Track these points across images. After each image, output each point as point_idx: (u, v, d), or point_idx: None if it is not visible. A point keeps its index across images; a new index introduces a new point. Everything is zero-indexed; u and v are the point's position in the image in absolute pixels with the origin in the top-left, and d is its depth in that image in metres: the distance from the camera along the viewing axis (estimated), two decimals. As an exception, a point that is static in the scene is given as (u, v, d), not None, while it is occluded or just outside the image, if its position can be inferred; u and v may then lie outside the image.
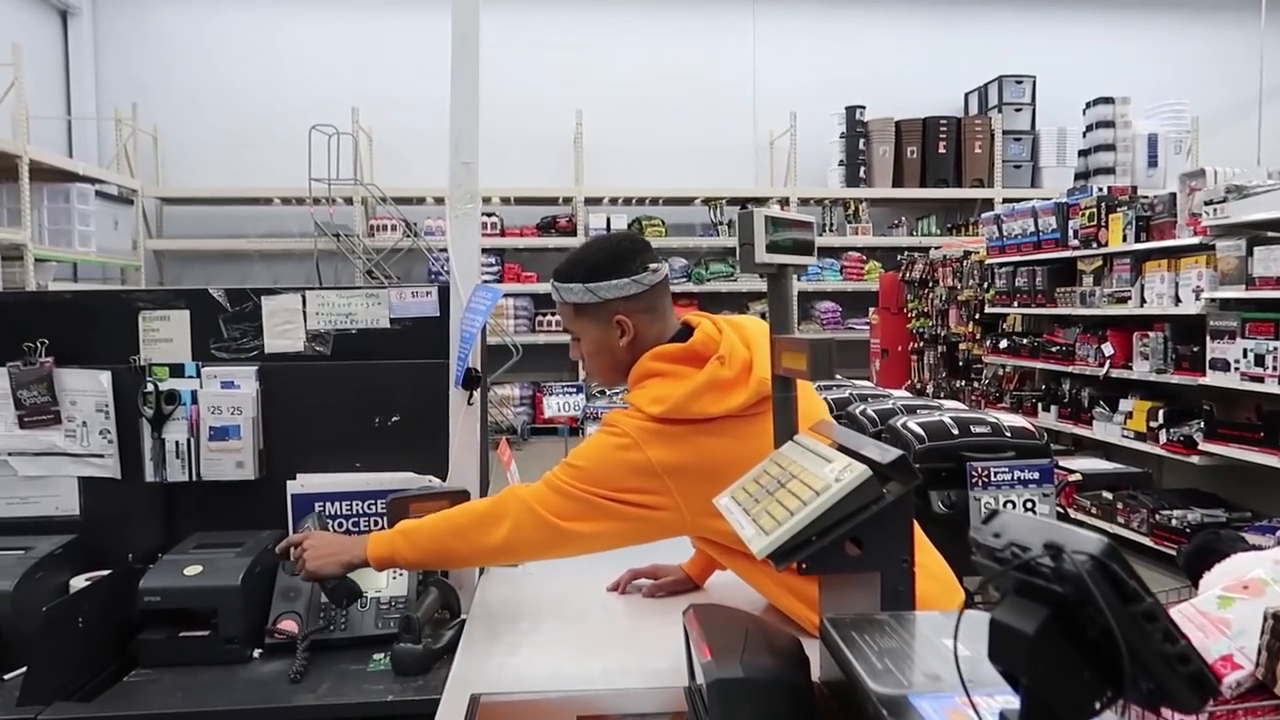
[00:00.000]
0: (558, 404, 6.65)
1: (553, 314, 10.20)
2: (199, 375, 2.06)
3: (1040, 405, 6.39)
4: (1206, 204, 4.78)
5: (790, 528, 1.16)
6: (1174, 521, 4.89)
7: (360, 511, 1.99)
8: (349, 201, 9.75)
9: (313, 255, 9.38)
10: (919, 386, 8.56)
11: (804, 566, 1.18)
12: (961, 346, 7.79)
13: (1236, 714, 1.65)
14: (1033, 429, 3.79)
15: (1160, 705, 0.80)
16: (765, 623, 1.41)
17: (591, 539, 1.61)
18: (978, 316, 7.41)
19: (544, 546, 1.62)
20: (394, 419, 2.05)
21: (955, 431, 3.65)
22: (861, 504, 1.18)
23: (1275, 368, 4.34)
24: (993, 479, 3.49)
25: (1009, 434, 3.65)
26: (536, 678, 1.52)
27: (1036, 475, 3.50)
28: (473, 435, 1.95)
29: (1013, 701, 0.86)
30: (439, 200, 10.39)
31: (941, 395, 8.16)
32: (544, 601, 1.89)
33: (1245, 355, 4.49)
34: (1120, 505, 5.43)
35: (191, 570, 1.77)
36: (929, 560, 1.79)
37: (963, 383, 7.81)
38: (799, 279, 10.19)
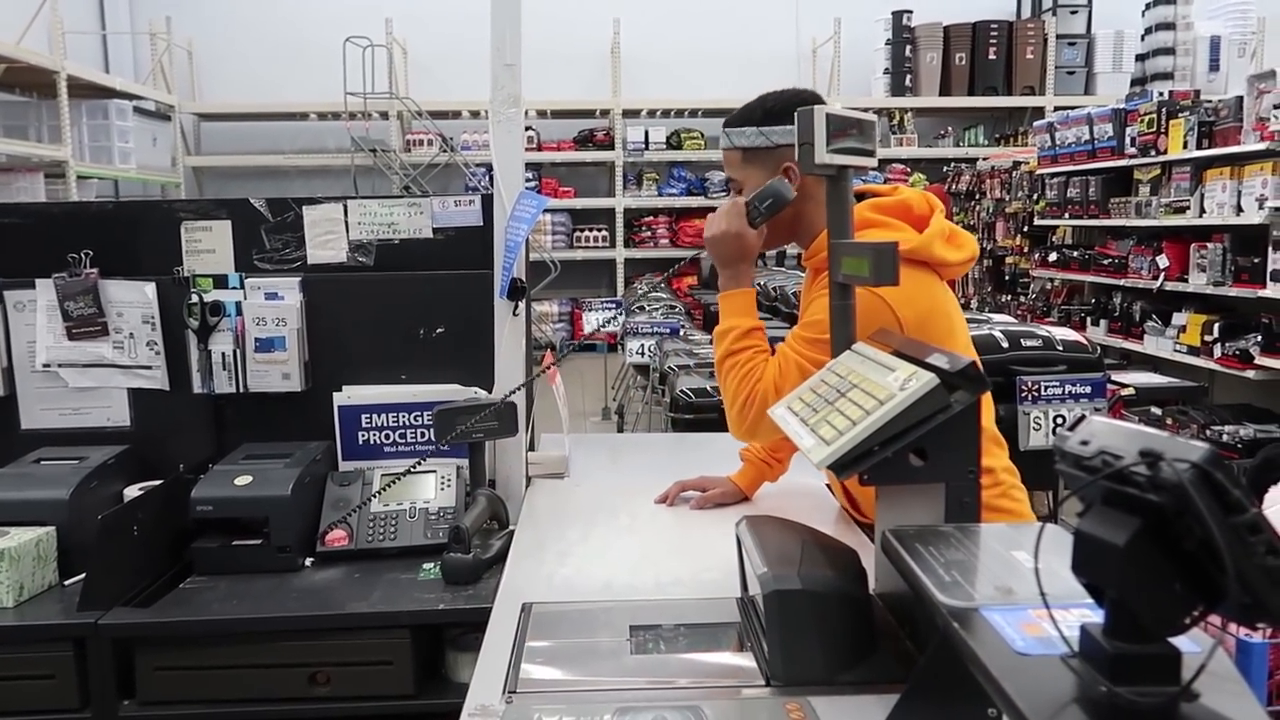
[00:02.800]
0: (596, 320, 6.61)
1: (592, 229, 10.12)
2: (243, 286, 2.05)
3: (1090, 319, 6.24)
4: (1276, 108, 4.56)
5: (853, 437, 1.12)
6: (1225, 437, 4.79)
7: (406, 423, 1.99)
8: (385, 116, 9.65)
9: (350, 171, 9.33)
10: (963, 301, 8.42)
11: (865, 477, 1.15)
12: (1008, 260, 7.62)
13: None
14: (1085, 342, 3.69)
15: (1257, 620, 0.76)
16: (821, 535, 1.38)
17: None
18: (1026, 229, 7.21)
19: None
20: (438, 330, 2.03)
21: (1005, 345, 3.57)
22: (928, 413, 1.13)
23: (1341, 279, 4.18)
24: (1043, 393, 3.41)
25: (1060, 347, 3.56)
26: (588, 587, 1.51)
27: (1089, 389, 3.42)
28: (518, 347, 1.93)
29: (1090, 615, 0.83)
30: (475, 114, 10.25)
31: (987, 310, 8.02)
32: (593, 512, 1.88)
33: (1310, 267, 4.33)
34: (1170, 420, 5.32)
35: (242, 480, 1.78)
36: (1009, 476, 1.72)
37: (1008, 297, 7.66)
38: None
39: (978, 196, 8.16)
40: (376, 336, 2.04)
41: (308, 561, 1.78)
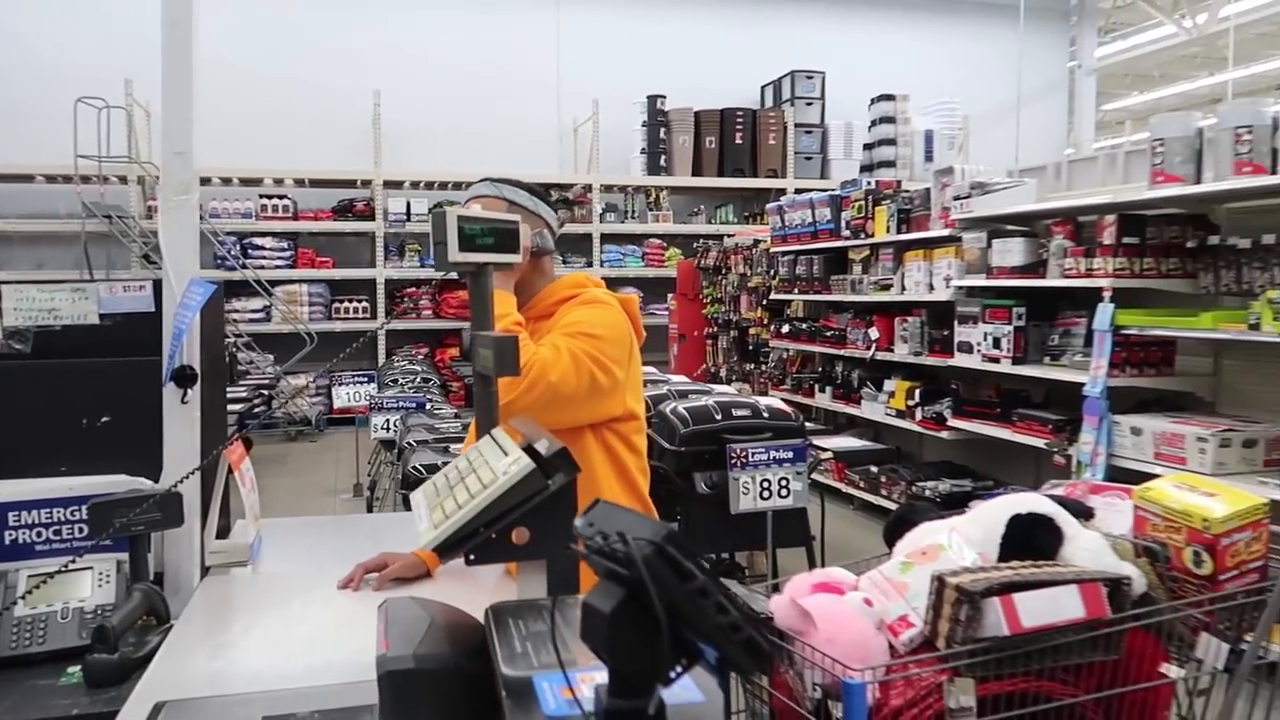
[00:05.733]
0: (348, 394, 6.47)
1: (353, 299, 9.92)
2: (-121, 376, 1.90)
3: (817, 387, 6.76)
4: (955, 199, 5.19)
5: (457, 520, 1.21)
6: (928, 492, 5.31)
7: (62, 519, 1.89)
8: (124, 180, 9.12)
9: (80, 238, 8.71)
10: (714, 370, 8.87)
11: (472, 558, 1.23)
12: (752, 331, 8.13)
13: (908, 665, 1.83)
14: (789, 410, 4.01)
15: (729, 671, 0.89)
16: (459, 613, 1.45)
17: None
18: (765, 302, 7.74)
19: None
20: (104, 420, 1.96)
21: (718, 416, 3.83)
22: (526, 495, 1.23)
23: (1009, 350, 4.77)
24: (750, 459, 3.67)
25: (767, 415, 3.86)
26: (236, 679, 1.50)
27: (790, 455, 3.71)
28: (189, 435, 1.89)
29: (608, 677, 0.93)
30: (225, 181, 9.89)
31: (734, 378, 8.50)
32: (266, 601, 1.86)
33: (985, 339, 4.92)
34: (884, 478, 5.84)
35: None
36: None
37: (752, 366, 8.15)
38: (601, 264, 10.33)
39: (724, 271, 8.67)
40: (33, 428, 1.95)
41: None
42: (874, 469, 5.98)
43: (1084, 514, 2.17)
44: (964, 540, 2.06)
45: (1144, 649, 1.91)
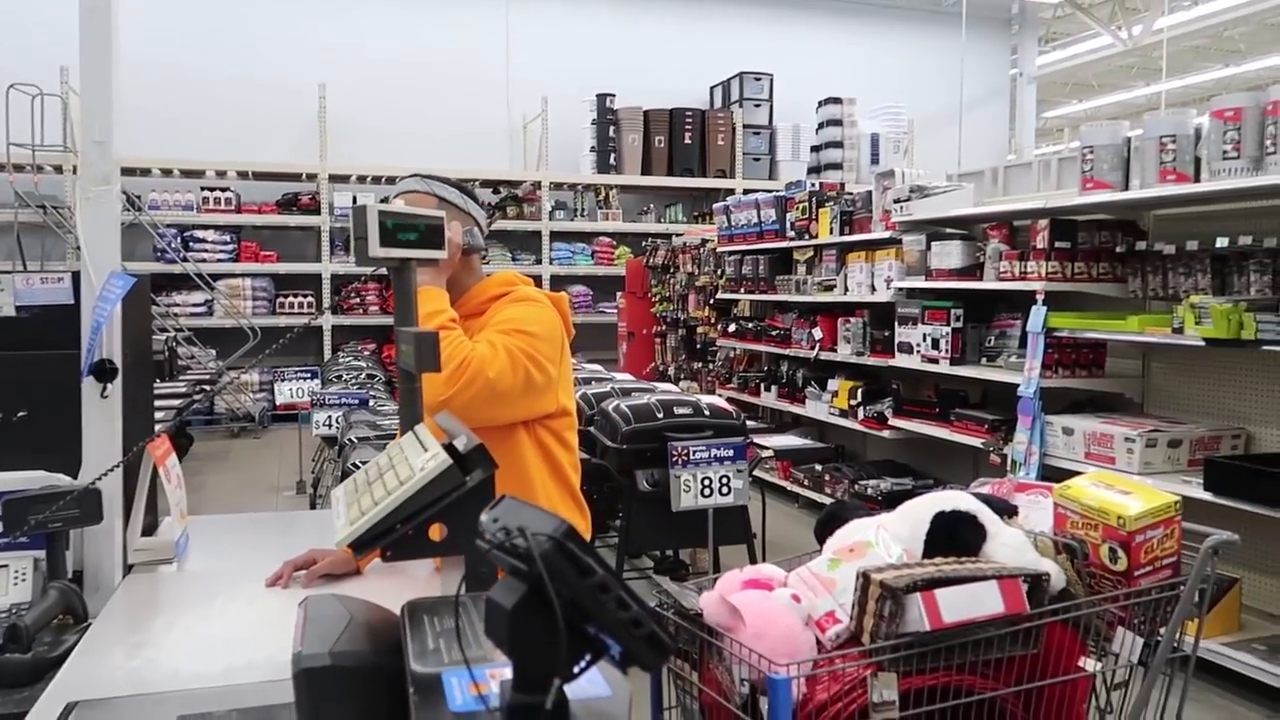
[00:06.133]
0: (290, 390, 6.37)
1: (298, 294, 9.78)
2: None
3: (763, 385, 6.81)
4: (895, 202, 5.26)
5: (372, 516, 1.20)
6: (870, 490, 5.37)
7: (-26, 515, 1.84)
8: (59, 170, 8.90)
9: (13, 228, 8.47)
10: (662, 369, 8.90)
11: (388, 554, 1.22)
12: (699, 330, 8.16)
13: (834, 660, 1.86)
14: (730, 409, 4.05)
15: (630, 665, 0.89)
16: (381, 611, 1.44)
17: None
18: (712, 301, 7.78)
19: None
20: (20, 414, 1.92)
21: (660, 414, 3.84)
22: (443, 491, 1.23)
23: (947, 351, 4.85)
24: (691, 457, 3.70)
25: (708, 414, 3.89)
26: (152, 679, 1.47)
27: (730, 453, 3.74)
28: (109, 430, 1.86)
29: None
30: (166, 172, 9.70)
31: (682, 377, 8.53)
32: (189, 598, 1.83)
33: (925, 340, 5.00)
34: (828, 476, 5.91)
35: None
36: None
37: (700, 364, 8.19)
38: (550, 262, 10.31)
39: (672, 270, 8.70)
40: (-54, 421, 1.90)
41: None
42: (818, 467, 6.05)
43: (1007, 511, 2.23)
44: (891, 537, 2.10)
45: (1062, 643, 1.96)
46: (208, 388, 9.39)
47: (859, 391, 5.67)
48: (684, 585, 2.03)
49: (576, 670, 0.89)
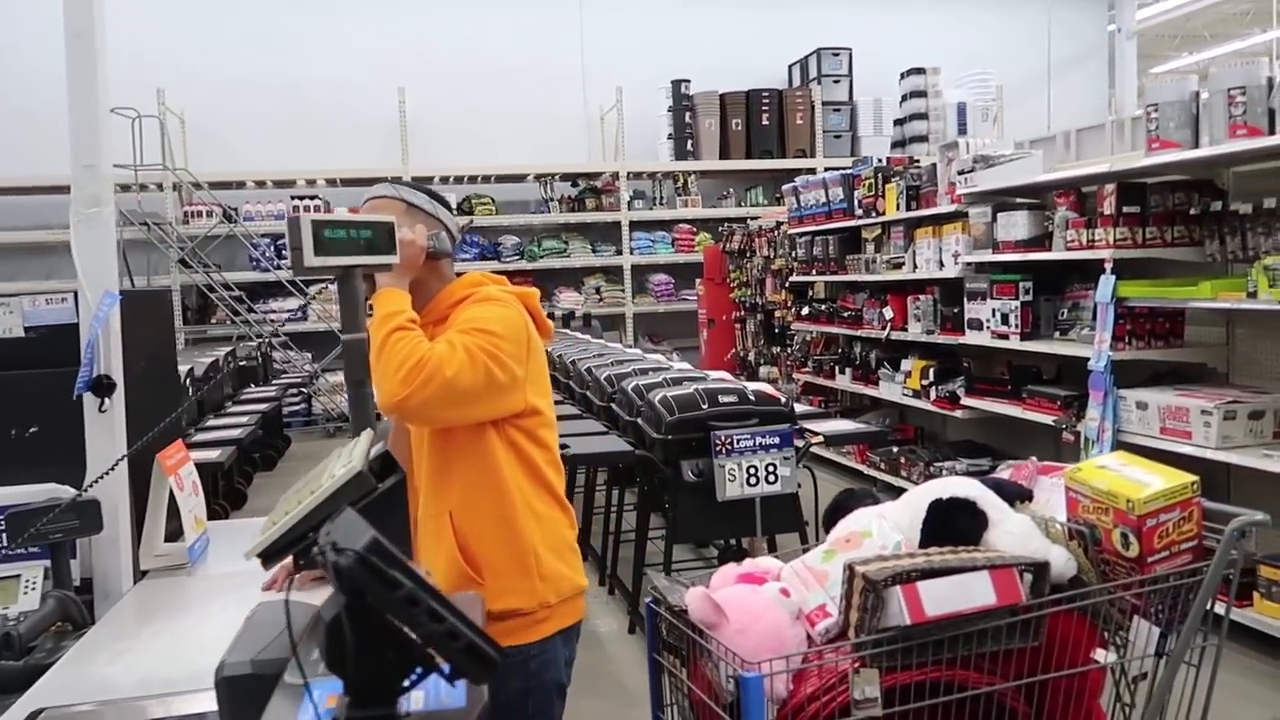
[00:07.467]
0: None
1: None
2: None
3: (838, 368, 6.67)
4: (960, 173, 5.07)
5: (282, 526, 1.21)
6: (944, 472, 5.19)
7: (-11, 527, 1.95)
8: (160, 188, 9.36)
9: (119, 245, 8.96)
10: (743, 354, 8.81)
11: (302, 563, 1.24)
12: (776, 314, 8.04)
13: (816, 656, 1.80)
14: (777, 395, 3.97)
15: (459, 678, 0.88)
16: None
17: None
18: (788, 285, 7.66)
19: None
20: (31, 430, 2.02)
21: (704, 404, 3.79)
22: (355, 497, 1.23)
23: (1017, 325, 4.65)
24: (735, 446, 3.64)
25: (753, 400, 3.82)
26: (124, 685, 1.53)
27: (777, 440, 3.67)
28: (109, 442, 1.94)
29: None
30: (260, 184, 10.10)
31: (762, 362, 8.43)
32: (191, 604, 1.90)
33: (994, 315, 4.79)
34: (903, 459, 5.75)
35: None
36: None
37: (779, 349, 8.07)
38: (631, 251, 10.32)
39: (749, 254, 8.59)
40: (-37, 439, 2.01)
41: None
42: (894, 450, 5.90)
43: (1020, 497, 2.12)
44: (892, 526, 2.02)
45: (1071, 635, 1.85)
46: (306, 390, 9.78)
47: (930, 371, 5.49)
48: (675, 580, 2.00)
49: (406, 684, 0.88)
